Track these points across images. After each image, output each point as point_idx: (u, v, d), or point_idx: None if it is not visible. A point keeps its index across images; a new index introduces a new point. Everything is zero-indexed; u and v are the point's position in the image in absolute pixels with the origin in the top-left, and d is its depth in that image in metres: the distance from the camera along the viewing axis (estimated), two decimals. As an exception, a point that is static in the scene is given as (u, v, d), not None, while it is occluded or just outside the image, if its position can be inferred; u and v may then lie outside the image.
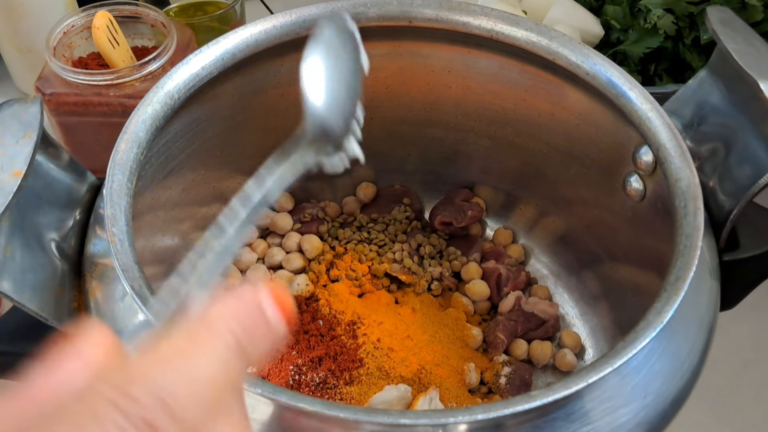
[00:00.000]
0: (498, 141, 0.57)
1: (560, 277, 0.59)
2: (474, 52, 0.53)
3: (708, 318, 0.42)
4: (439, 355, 0.51)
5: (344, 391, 0.49)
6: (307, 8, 0.49)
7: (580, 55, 0.48)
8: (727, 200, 0.45)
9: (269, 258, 0.58)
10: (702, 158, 0.47)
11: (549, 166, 0.56)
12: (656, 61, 0.70)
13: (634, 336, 0.35)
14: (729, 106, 0.47)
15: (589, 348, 0.55)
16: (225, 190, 0.57)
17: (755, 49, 0.45)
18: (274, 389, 0.33)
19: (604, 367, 0.34)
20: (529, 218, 0.60)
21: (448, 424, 0.33)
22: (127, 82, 0.58)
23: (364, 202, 0.61)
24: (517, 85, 0.53)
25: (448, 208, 0.60)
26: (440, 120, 0.58)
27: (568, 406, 0.36)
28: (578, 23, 0.68)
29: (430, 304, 0.56)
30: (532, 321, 0.55)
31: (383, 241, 0.59)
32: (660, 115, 0.44)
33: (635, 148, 0.47)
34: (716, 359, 0.43)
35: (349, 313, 0.53)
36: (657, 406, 0.38)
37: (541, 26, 0.49)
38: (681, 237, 0.39)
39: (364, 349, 0.51)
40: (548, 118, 0.53)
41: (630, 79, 0.46)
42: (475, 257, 0.59)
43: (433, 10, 0.50)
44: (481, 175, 0.61)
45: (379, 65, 0.54)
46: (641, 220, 0.49)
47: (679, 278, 0.37)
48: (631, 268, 0.52)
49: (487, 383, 0.52)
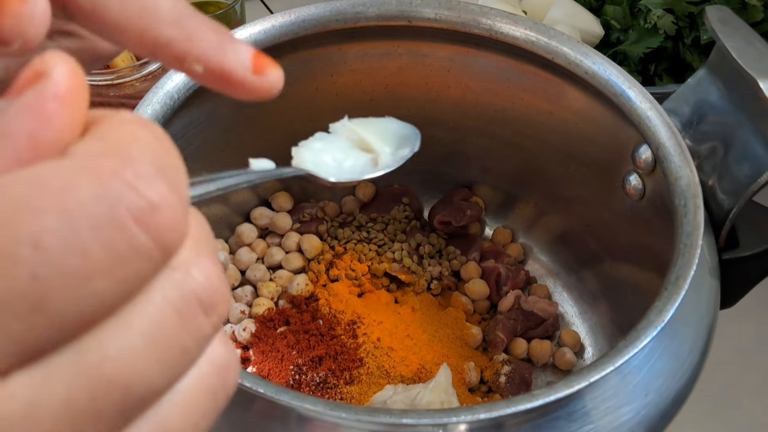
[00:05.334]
0: (497, 140, 0.57)
1: (559, 276, 0.59)
2: (473, 51, 0.53)
3: (708, 317, 0.42)
4: (439, 354, 0.51)
5: (345, 390, 0.49)
6: (307, 8, 0.49)
7: (579, 54, 0.48)
8: (726, 199, 0.45)
9: (268, 258, 0.58)
10: (701, 157, 0.48)
11: (548, 165, 0.56)
12: (656, 61, 0.70)
13: (635, 335, 0.35)
14: (728, 105, 0.47)
15: (589, 346, 0.55)
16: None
17: (754, 48, 0.45)
18: (275, 389, 0.33)
19: (606, 366, 0.34)
20: (528, 217, 0.60)
21: (449, 423, 0.33)
22: (127, 82, 0.58)
23: (364, 202, 0.61)
24: (517, 84, 0.53)
25: (448, 208, 0.60)
26: (439, 119, 0.58)
27: (570, 405, 0.36)
28: (578, 23, 0.69)
29: (430, 303, 0.56)
30: (532, 320, 0.55)
31: (382, 241, 0.59)
32: (659, 114, 0.44)
33: (634, 147, 0.47)
34: (716, 359, 0.43)
35: (349, 312, 0.53)
36: (658, 404, 0.38)
37: (540, 25, 0.49)
38: (681, 236, 0.40)
39: (364, 348, 0.51)
40: (547, 117, 0.53)
41: (629, 77, 0.46)
42: (474, 256, 0.59)
43: (432, 9, 0.50)
44: (480, 174, 0.61)
45: (378, 65, 0.55)
46: (640, 219, 0.49)
47: (679, 277, 0.37)
48: (630, 267, 0.52)
49: (486, 382, 0.52)
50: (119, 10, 0.22)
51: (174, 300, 0.16)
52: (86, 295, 0.14)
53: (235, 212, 0.59)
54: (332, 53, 0.53)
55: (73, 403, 0.14)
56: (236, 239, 0.58)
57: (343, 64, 0.54)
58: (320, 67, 0.53)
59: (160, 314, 0.15)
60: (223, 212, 0.58)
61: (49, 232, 0.14)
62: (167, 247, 0.15)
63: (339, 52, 0.53)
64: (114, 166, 0.15)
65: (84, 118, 0.16)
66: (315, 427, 0.35)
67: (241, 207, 0.59)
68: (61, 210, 0.14)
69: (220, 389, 0.17)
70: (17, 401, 0.14)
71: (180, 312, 0.16)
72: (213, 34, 0.23)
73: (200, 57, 0.23)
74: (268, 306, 0.54)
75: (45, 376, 0.14)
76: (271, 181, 0.59)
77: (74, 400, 0.14)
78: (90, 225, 0.14)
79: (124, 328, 0.15)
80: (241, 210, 0.59)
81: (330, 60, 0.53)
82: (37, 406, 0.14)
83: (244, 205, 0.59)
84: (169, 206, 0.15)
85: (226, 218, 0.58)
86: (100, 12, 0.22)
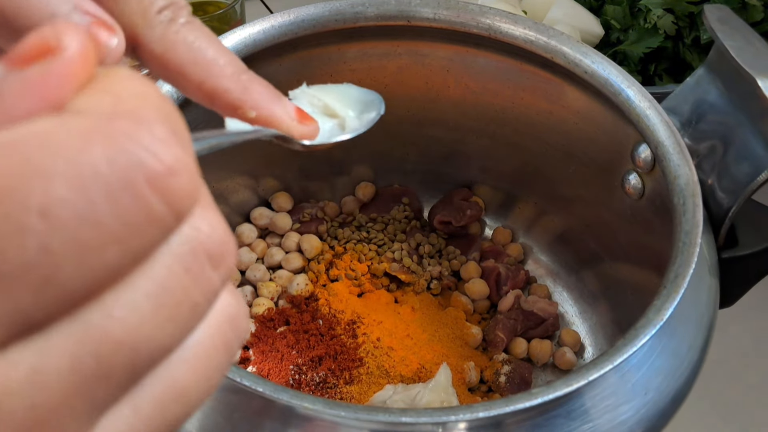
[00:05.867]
0: (497, 140, 0.58)
1: (559, 276, 0.59)
2: (472, 51, 0.53)
3: (707, 315, 0.42)
4: (438, 353, 0.51)
5: (344, 390, 0.49)
6: (306, 8, 0.49)
7: (579, 53, 0.48)
8: (725, 197, 0.45)
9: (268, 258, 0.58)
10: (700, 156, 0.48)
11: (548, 165, 0.56)
12: (656, 61, 0.70)
13: (634, 333, 0.35)
14: (727, 104, 0.47)
15: (589, 346, 0.55)
16: (224, 190, 0.57)
17: (753, 47, 0.45)
18: (275, 388, 0.33)
19: (605, 365, 0.34)
20: (528, 217, 0.60)
21: (449, 422, 0.33)
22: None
23: (363, 202, 0.62)
24: (516, 83, 0.53)
25: (447, 208, 0.60)
26: (439, 119, 0.58)
27: (569, 403, 0.36)
28: (578, 23, 0.69)
29: (430, 303, 0.56)
30: (532, 319, 0.55)
31: (382, 241, 0.59)
32: (658, 113, 0.45)
33: (634, 146, 0.47)
34: (716, 358, 0.43)
35: (349, 312, 0.53)
36: (657, 403, 0.38)
37: (539, 25, 0.49)
38: (680, 234, 0.40)
39: (364, 348, 0.51)
40: (547, 117, 0.54)
41: (628, 77, 0.46)
42: (474, 256, 0.59)
43: (431, 9, 0.50)
44: (480, 174, 0.61)
45: (378, 65, 0.55)
46: (640, 218, 0.49)
47: (678, 275, 0.37)
48: (630, 266, 0.52)
49: (486, 382, 0.52)
50: (186, 58, 0.24)
51: (183, 256, 0.15)
52: (97, 266, 0.13)
53: (235, 212, 0.59)
54: (331, 53, 0.53)
55: (80, 366, 0.14)
56: (236, 239, 0.58)
57: (343, 64, 0.54)
58: (319, 67, 0.54)
59: (168, 273, 0.15)
60: (222, 212, 0.57)
61: (60, 201, 0.13)
62: (181, 213, 0.15)
63: (338, 52, 0.53)
64: (129, 127, 0.14)
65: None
66: (314, 426, 0.35)
67: (241, 207, 0.59)
68: (74, 175, 0.13)
69: (233, 339, 0.17)
70: (19, 369, 0.13)
71: (188, 268, 0.15)
72: (264, 88, 0.26)
73: (255, 106, 0.26)
74: (268, 306, 0.54)
75: (48, 342, 0.14)
76: (271, 181, 0.59)
77: (80, 363, 0.14)
78: (104, 192, 0.13)
79: (131, 289, 0.14)
80: (240, 210, 0.59)
81: (329, 60, 0.53)
82: (40, 373, 0.13)
83: (244, 205, 0.59)
84: (186, 170, 0.14)
85: (226, 218, 0.58)
86: (168, 57, 0.24)
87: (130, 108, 0.14)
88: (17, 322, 0.13)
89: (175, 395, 0.16)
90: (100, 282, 0.14)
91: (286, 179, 0.60)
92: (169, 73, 0.25)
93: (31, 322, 0.13)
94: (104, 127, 0.14)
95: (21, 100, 0.14)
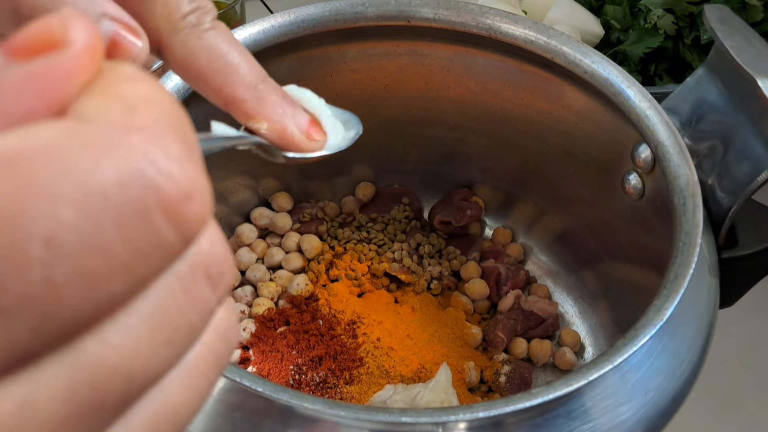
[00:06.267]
0: (497, 140, 0.58)
1: (559, 276, 0.59)
2: (472, 51, 0.53)
3: (707, 315, 0.42)
4: (438, 354, 0.51)
5: (344, 390, 0.49)
6: (306, 8, 0.49)
7: (579, 53, 0.48)
8: (725, 197, 0.45)
9: (268, 258, 0.58)
10: (700, 156, 0.48)
11: (548, 165, 0.56)
12: (656, 61, 0.70)
13: (634, 333, 0.35)
14: (727, 104, 0.47)
15: (589, 346, 0.55)
16: (224, 190, 0.57)
17: (753, 47, 0.45)
18: (275, 388, 0.33)
19: (605, 365, 0.34)
20: (528, 217, 0.60)
21: (449, 422, 0.33)
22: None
23: (363, 202, 0.62)
24: (516, 84, 0.53)
25: (447, 208, 0.60)
26: (439, 119, 0.58)
27: (569, 403, 0.36)
28: (578, 23, 0.69)
29: (430, 303, 0.56)
30: (532, 319, 0.55)
31: (382, 241, 0.59)
32: (658, 113, 0.45)
33: (634, 146, 0.47)
34: (716, 359, 0.43)
35: (349, 312, 0.53)
36: (657, 403, 0.38)
37: (539, 25, 0.49)
38: (680, 234, 0.40)
39: (364, 348, 0.51)
40: (547, 117, 0.54)
41: (628, 77, 0.46)
42: (474, 256, 0.59)
43: (431, 9, 0.50)
44: (480, 174, 0.61)
45: (378, 65, 0.55)
46: (640, 218, 0.49)
47: (678, 275, 0.37)
48: (630, 267, 0.52)
49: (486, 382, 0.52)
50: (206, 64, 0.25)
51: (182, 277, 0.14)
52: (101, 296, 0.13)
53: (234, 212, 0.59)
54: (331, 53, 0.53)
55: (73, 398, 0.13)
56: (236, 239, 0.58)
57: (343, 64, 0.54)
58: (319, 67, 0.54)
59: (166, 295, 0.14)
60: (222, 212, 0.58)
61: (67, 228, 0.12)
62: (190, 239, 0.14)
63: (338, 52, 0.53)
64: (142, 144, 0.13)
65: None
66: (314, 426, 0.35)
67: (241, 207, 0.59)
68: (83, 199, 0.12)
69: (225, 355, 0.16)
70: (9, 403, 0.12)
71: (187, 289, 0.14)
72: (279, 98, 0.27)
73: (267, 118, 0.26)
74: (268, 306, 0.54)
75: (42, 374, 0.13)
76: (271, 181, 0.59)
77: (74, 395, 0.13)
78: (115, 219, 0.12)
79: (128, 314, 0.13)
80: (240, 210, 0.59)
81: (329, 60, 0.53)
82: (32, 407, 0.12)
83: (244, 206, 0.59)
84: (200, 194, 0.13)
85: (226, 218, 0.58)
86: (189, 62, 0.25)
87: (142, 120, 0.13)
88: (11, 355, 0.12)
89: (168, 415, 0.15)
90: (102, 311, 0.13)
91: (286, 179, 0.60)
92: (190, 77, 0.26)
93: (25, 355, 0.12)
94: (116, 142, 0.12)
95: (20, 97, 0.13)
